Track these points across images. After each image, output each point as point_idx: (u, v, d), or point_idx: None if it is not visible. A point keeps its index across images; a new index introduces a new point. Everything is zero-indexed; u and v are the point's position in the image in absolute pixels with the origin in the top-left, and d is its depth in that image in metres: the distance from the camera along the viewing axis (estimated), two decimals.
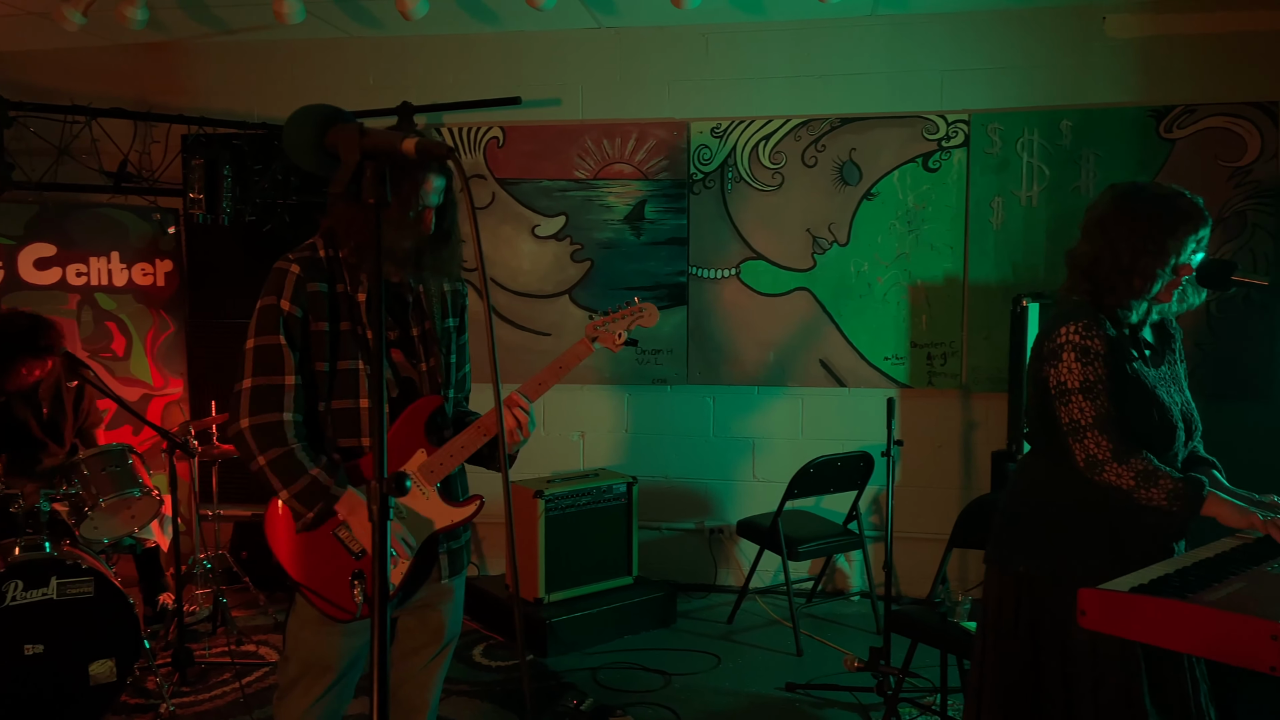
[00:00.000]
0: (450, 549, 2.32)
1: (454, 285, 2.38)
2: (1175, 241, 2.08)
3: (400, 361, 2.26)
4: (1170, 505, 1.99)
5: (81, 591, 3.28)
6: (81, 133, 4.27)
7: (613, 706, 3.57)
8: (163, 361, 5.12)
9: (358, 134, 1.07)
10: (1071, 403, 2.08)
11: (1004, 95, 4.66)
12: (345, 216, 2.12)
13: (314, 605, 2.15)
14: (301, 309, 2.11)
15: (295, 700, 2.21)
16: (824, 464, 4.23)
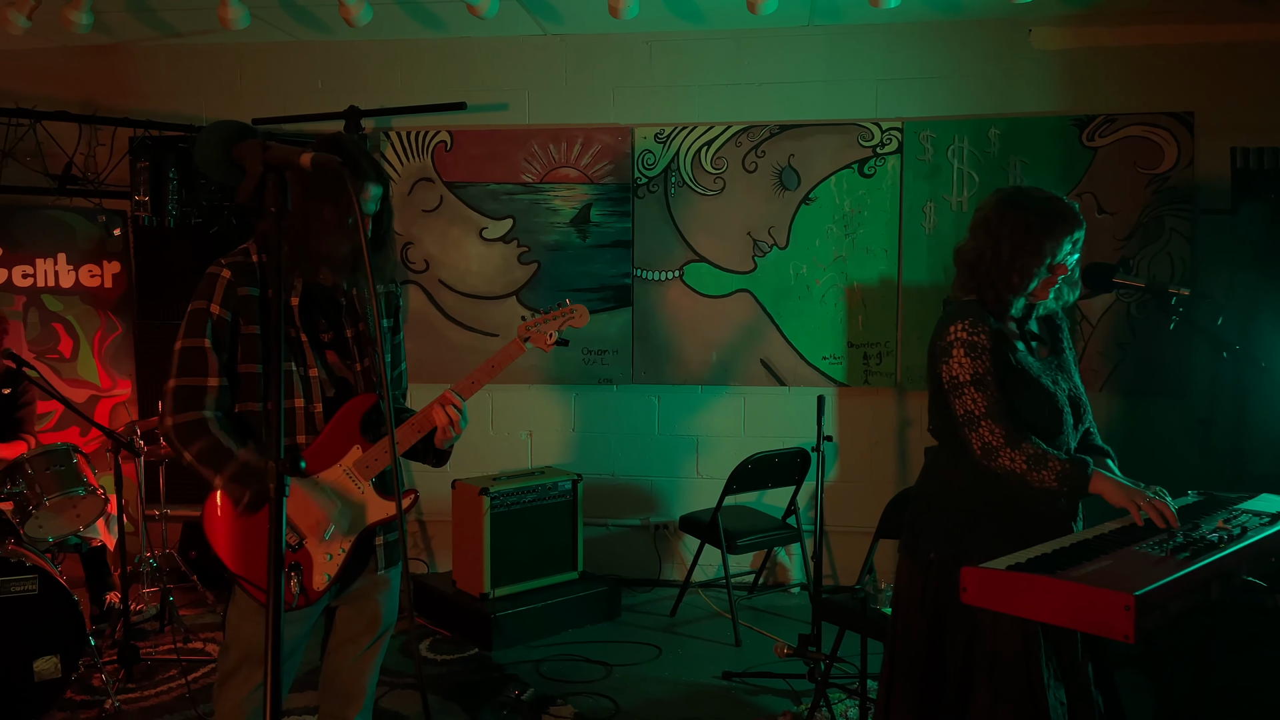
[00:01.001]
0: (387, 540, 2.40)
1: (388, 287, 2.47)
2: (1051, 242, 2.22)
3: (335, 362, 2.34)
4: (1060, 486, 2.13)
5: (26, 589, 3.32)
6: (26, 135, 4.28)
7: (554, 697, 3.68)
8: (110, 363, 5.13)
9: (260, 148, 1.17)
10: (964, 395, 2.22)
11: (935, 104, 4.84)
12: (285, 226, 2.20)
13: (251, 595, 2.22)
14: (231, 313, 2.18)
15: (235, 688, 2.28)
16: (762, 460, 4.36)
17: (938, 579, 2.33)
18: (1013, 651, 2.21)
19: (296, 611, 2.26)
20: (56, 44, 5.10)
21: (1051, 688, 2.20)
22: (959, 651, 2.29)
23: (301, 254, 2.21)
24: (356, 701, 2.43)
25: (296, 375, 2.26)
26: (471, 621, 4.26)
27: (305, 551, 2.25)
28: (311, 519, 2.22)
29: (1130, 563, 1.83)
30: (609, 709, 3.58)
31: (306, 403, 2.27)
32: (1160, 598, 1.68)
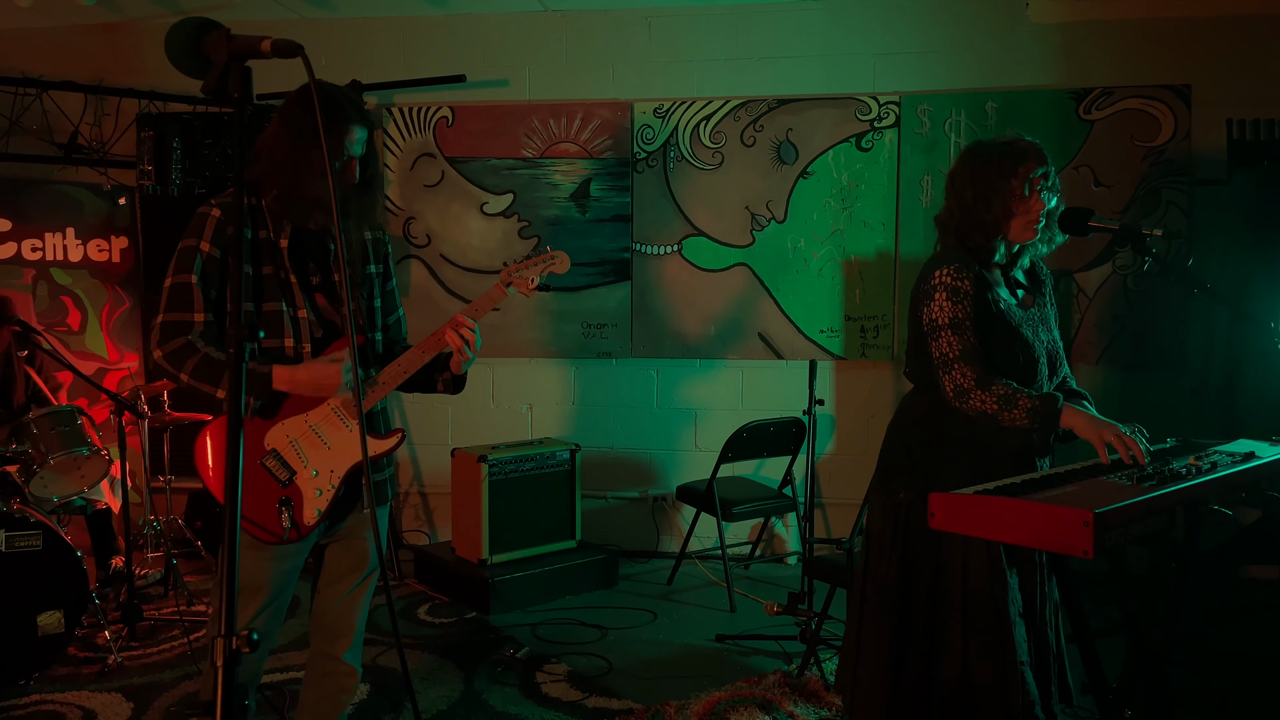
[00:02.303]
0: (375, 481, 2.46)
1: (375, 234, 2.52)
2: (1016, 180, 2.26)
3: (324, 305, 2.39)
4: (1030, 423, 2.16)
5: (30, 545, 3.39)
6: (33, 105, 4.36)
7: (548, 656, 3.73)
8: (118, 336, 5.21)
9: (225, 38, 1.23)
10: (941, 338, 2.26)
11: (932, 78, 4.86)
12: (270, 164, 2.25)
13: (245, 530, 2.28)
14: (220, 250, 2.24)
15: None
16: (757, 429, 4.40)
17: (907, 518, 2.36)
18: (980, 588, 2.24)
19: (288, 546, 2.32)
20: (67, 22, 5.18)
21: (1016, 625, 2.24)
22: (926, 590, 2.32)
23: (290, 197, 2.26)
24: (345, 638, 2.49)
25: (286, 315, 2.31)
26: (469, 587, 4.32)
27: (296, 487, 2.30)
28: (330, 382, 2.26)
29: (1096, 489, 1.87)
30: (602, 668, 3.63)
31: (295, 343, 2.33)
32: (1121, 517, 1.71)
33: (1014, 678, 2.14)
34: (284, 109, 2.31)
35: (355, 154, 2.30)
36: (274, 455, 2.30)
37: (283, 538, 2.28)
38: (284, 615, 2.44)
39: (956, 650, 2.26)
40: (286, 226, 2.32)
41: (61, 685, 3.43)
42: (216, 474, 2.31)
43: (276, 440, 2.30)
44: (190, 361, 2.21)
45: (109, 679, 3.48)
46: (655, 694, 3.38)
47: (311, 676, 2.53)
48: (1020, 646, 2.17)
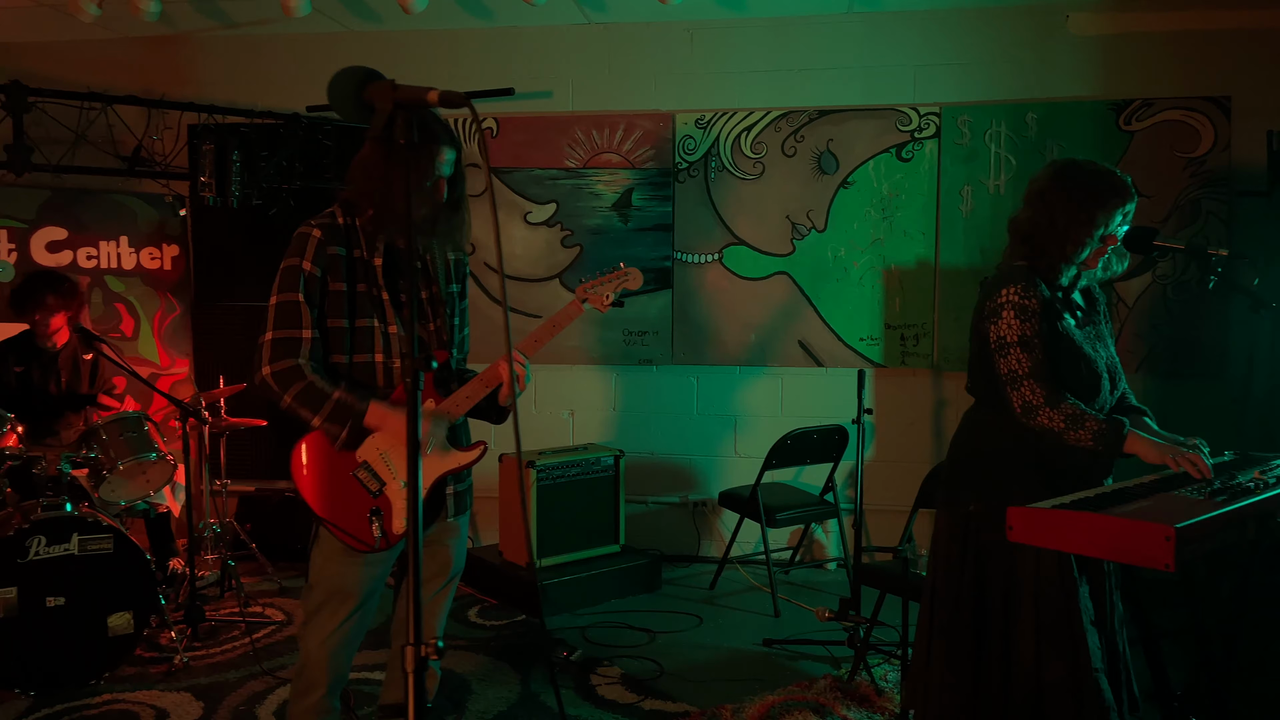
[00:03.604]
0: (456, 490, 2.55)
1: (457, 254, 2.61)
2: (1104, 213, 2.32)
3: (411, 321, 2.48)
4: (1096, 445, 2.22)
5: (101, 548, 3.50)
6: (98, 119, 4.47)
7: (600, 659, 3.81)
8: (169, 342, 5.32)
9: (390, 88, 1.31)
10: (1010, 355, 2.32)
11: (973, 89, 4.92)
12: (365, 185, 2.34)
13: (337, 538, 2.37)
14: (321, 269, 2.34)
15: (320, 625, 2.43)
16: (801, 436, 4.46)
17: (977, 531, 2.42)
18: (1052, 597, 2.30)
19: (377, 554, 2.41)
20: (119, 34, 5.30)
21: (1090, 632, 2.30)
22: (999, 600, 2.38)
23: (383, 215, 2.35)
24: None
25: (379, 331, 2.41)
26: (519, 589, 4.40)
27: (386, 498, 2.39)
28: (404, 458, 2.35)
29: (1169, 504, 1.93)
30: (654, 671, 3.70)
31: (385, 357, 2.42)
32: (1198, 532, 1.77)
33: (1088, 685, 2.19)
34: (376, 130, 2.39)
35: (444, 174, 2.39)
36: (365, 467, 2.39)
37: (374, 546, 2.37)
38: (371, 618, 2.53)
39: (1029, 659, 2.31)
40: (379, 245, 2.42)
41: (131, 685, 3.52)
42: (311, 483, 2.40)
43: (367, 453, 2.40)
44: (296, 386, 2.29)
45: (176, 679, 3.57)
46: (708, 697, 3.45)
47: (394, 677, 2.62)
48: (1094, 654, 2.23)
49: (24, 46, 5.45)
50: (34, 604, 3.38)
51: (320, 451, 2.39)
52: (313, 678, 2.47)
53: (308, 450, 2.39)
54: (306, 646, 2.47)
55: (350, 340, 2.40)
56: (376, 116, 1.33)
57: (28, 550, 3.37)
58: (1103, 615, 2.31)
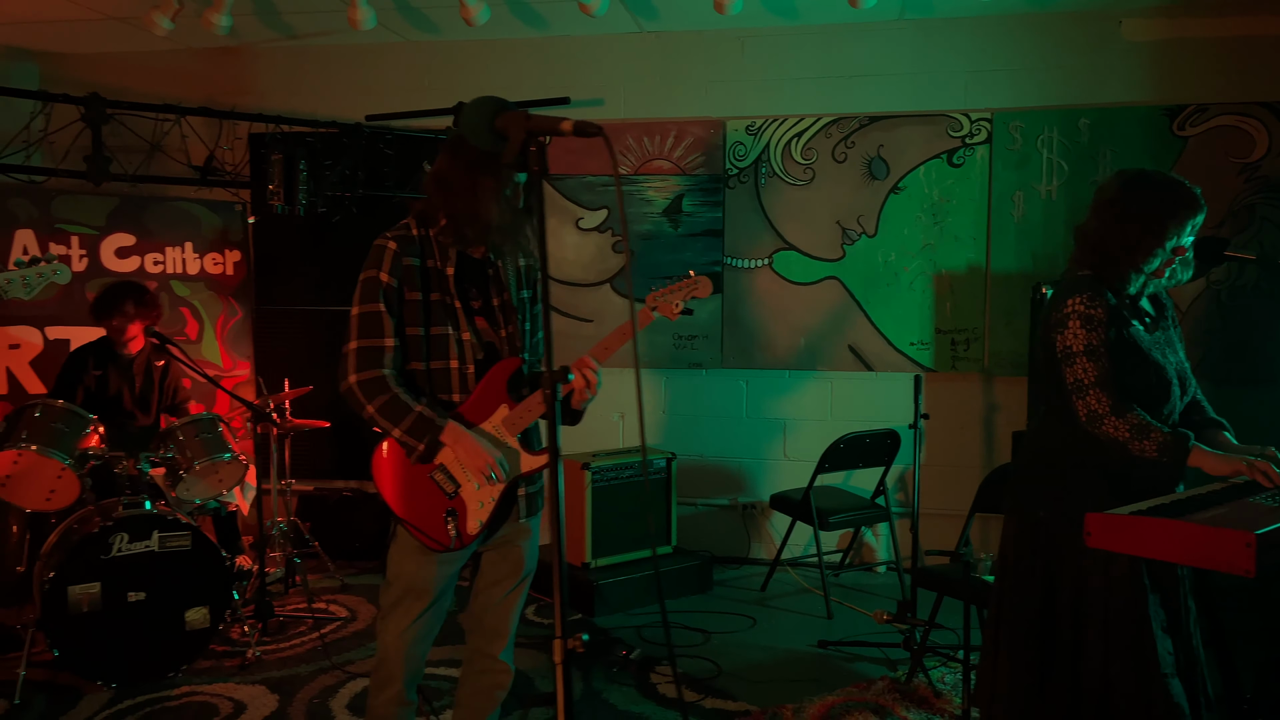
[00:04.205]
0: (528, 492, 2.62)
1: (528, 260, 2.68)
2: (1175, 225, 2.34)
3: (484, 328, 2.56)
4: (1160, 457, 2.25)
5: (180, 545, 3.62)
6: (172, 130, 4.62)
7: (659, 658, 3.88)
8: (231, 345, 5.47)
9: (524, 118, 1.39)
10: (1076, 364, 2.35)
11: (1025, 95, 4.93)
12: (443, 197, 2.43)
13: (414, 537, 2.45)
14: (397, 279, 2.42)
15: (396, 620, 2.52)
16: (853, 440, 4.51)
17: (1046, 538, 2.46)
18: (1122, 602, 2.33)
19: (451, 553, 2.49)
20: (183, 45, 5.46)
21: (1160, 638, 2.33)
22: (1068, 605, 2.42)
23: (461, 224, 2.43)
24: (501, 639, 2.66)
25: (452, 339, 2.48)
26: (574, 589, 4.48)
27: (460, 499, 2.47)
28: (480, 462, 2.43)
29: (1247, 511, 1.96)
30: (711, 670, 3.76)
31: (460, 364, 2.49)
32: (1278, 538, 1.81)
33: (1157, 690, 2.23)
34: (454, 143, 2.47)
35: (520, 180, 2.46)
36: (441, 470, 2.47)
37: (449, 546, 2.45)
38: (444, 615, 2.61)
39: (1098, 663, 2.35)
40: (452, 255, 2.50)
41: (208, 677, 3.65)
42: (391, 484, 2.48)
43: (444, 456, 2.47)
44: (381, 398, 2.37)
45: (250, 672, 3.69)
46: (768, 696, 3.51)
47: (469, 673, 2.71)
48: (1164, 659, 2.26)
49: (94, 58, 5.63)
50: (116, 599, 3.51)
51: (399, 454, 2.48)
52: (390, 671, 2.56)
53: (388, 453, 2.47)
54: (384, 641, 2.56)
55: (426, 347, 2.48)
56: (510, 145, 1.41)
57: (111, 547, 3.51)
58: (1176, 621, 2.34)
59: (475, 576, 2.68)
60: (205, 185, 4.86)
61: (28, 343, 4.88)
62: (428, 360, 2.49)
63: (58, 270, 3.09)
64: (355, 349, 2.40)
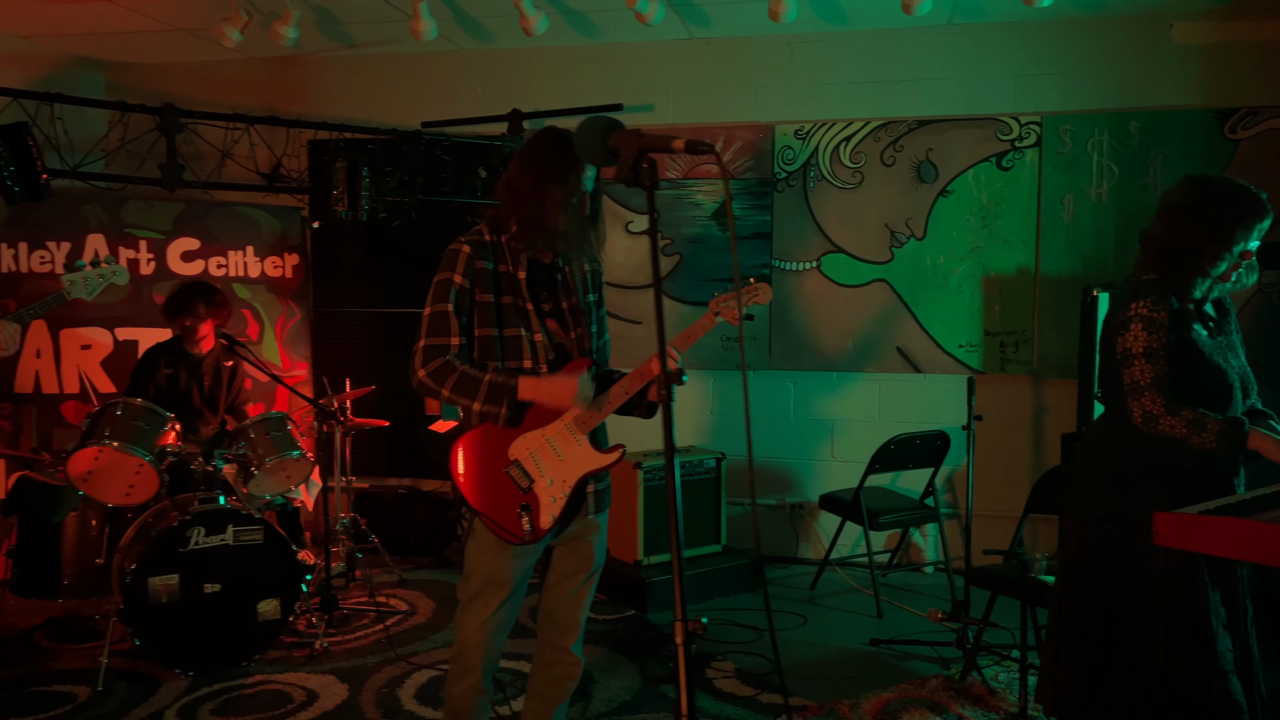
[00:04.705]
0: (597, 489, 2.72)
1: (593, 265, 2.78)
2: (1242, 230, 2.39)
3: (554, 329, 2.66)
4: (1219, 445, 2.29)
5: (253, 539, 3.76)
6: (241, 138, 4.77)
7: (713, 654, 3.95)
8: (290, 346, 5.62)
9: (636, 135, 1.48)
10: (1134, 366, 2.40)
11: (1074, 98, 4.95)
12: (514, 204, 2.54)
13: (490, 530, 2.55)
14: (470, 282, 2.53)
15: (476, 612, 2.62)
16: (904, 441, 4.56)
17: (1107, 536, 2.51)
18: (1182, 600, 2.38)
19: (525, 547, 2.58)
20: (244, 55, 5.62)
21: (1220, 636, 2.37)
22: (1129, 603, 2.46)
23: (531, 230, 2.54)
24: (573, 632, 2.76)
25: (525, 340, 2.59)
26: (627, 586, 4.57)
27: (534, 494, 2.57)
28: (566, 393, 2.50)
29: None
30: (766, 666, 3.83)
31: (534, 363, 2.59)
32: None
33: (1217, 686, 2.27)
34: (524, 152, 2.59)
35: (587, 189, 2.57)
36: (516, 465, 2.57)
37: (523, 539, 2.55)
38: (519, 608, 2.71)
39: (1159, 660, 2.39)
40: (523, 260, 2.60)
41: (279, 667, 3.78)
42: (468, 479, 2.58)
43: (518, 452, 2.57)
44: (451, 379, 2.48)
45: (319, 662, 3.82)
46: (823, 692, 3.57)
47: (540, 664, 2.80)
48: (1224, 656, 2.31)
49: (158, 67, 5.82)
50: (193, 590, 3.66)
51: (476, 450, 2.58)
52: (470, 661, 2.66)
53: (465, 449, 2.57)
54: (464, 632, 2.66)
55: (500, 348, 2.59)
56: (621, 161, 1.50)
57: (188, 540, 3.65)
58: (1235, 619, 2.38)
59: (546, 572, 2.78)
60: (272, 191, 5.00)
61: (98, 343, 5.05)
62: (502, 360, 2.59)
63: (116, 272, 3.22)
64: (423, 346, 2.52)
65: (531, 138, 2.63)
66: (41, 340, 4.91)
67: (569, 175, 2.49)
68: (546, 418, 2.59)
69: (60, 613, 4.27)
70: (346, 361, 5.53)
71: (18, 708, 3.41)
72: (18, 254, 4.82)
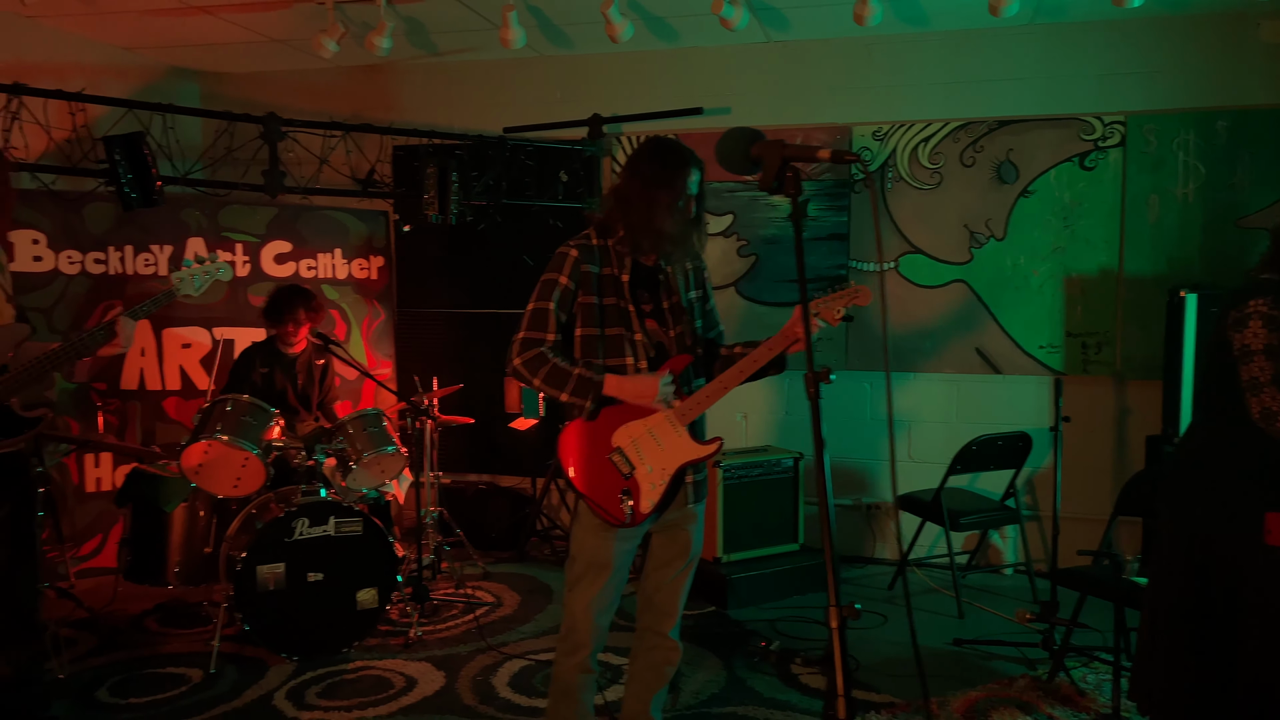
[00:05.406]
0: (695, 479, 2.80)
1: (696, 263, 2.88)
2: None
3: (654, 328, 2.77)
4: None
5: (353, 530, 3.91)
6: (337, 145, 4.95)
7: (796, 651, 4.00)
8: (375, 345, 5.80)
9: (780, 145, 1.56)
10: (1253, 362, 2.40)
11: (1160, 97, 4.90)
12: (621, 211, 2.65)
13: (594, 512, 2.66)
14: (575, 283, 2.66)
15: (582, 592, 2.74)
16: (986, 442, 4.55)
17: (1203, 538, 2.51)
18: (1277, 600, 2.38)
19: (628, 529, 2.68)
20: (331, 64, 5.81)
21: None
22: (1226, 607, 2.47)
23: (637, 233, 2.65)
24: (671, 618, 2.86)
25: (626, 339, 2.70)
26: (708, 582, 4.64)
27: (635, 480, 2.67)
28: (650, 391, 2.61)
29: None
30: (850, 664, 3.87)
31: (634, 361, 2.70)
32: None
33: None
34: (632, 161, 2.73)
35: (691, 193, 2.67)
36: (619, 452, 2.67)
37: (624, 522, 2.65)
38: (622, 589, 2.82)
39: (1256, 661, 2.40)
40: (627, 263, 2.71)
41: (377, 654, 3.92)
42: (574, 463, 2.69)
43: (621, 440, 2.68)
44: (543, 370, 2.61)
45: (414, 650, 3.96)
46: (909, 690, 3.60)
47: (639, 650, 2.90)
48: None
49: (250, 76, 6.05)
50: (298, 579, 3.81)
51: (582, 438, 2.69)
52: (579, 639, 2.78)
53: (573, 437, 2.70)
54: (572, 611, 2.78)
55: (603, 346, 2.70)
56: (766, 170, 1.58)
57: (294, 530, 3.81)
58: None
59: (645, 559, 2.87)
60: (366, 196, 5.17)
61: (198, 342, 5.27)
62: (604, 357, 2.70)
63: (221, 269, 3.38)
64: (521, 338, 2.64)
65: (639, 147, 2.76)
66: (146, 339, 5.14)
67: (674, 181, 2.62)
68: (648, 409, 2.68)
69: (167, 598, 4.47)
70: (428, 360, 5.69)
71: (137, 688, 3.60)
72: (124, 257, 5.05)
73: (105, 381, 5.01)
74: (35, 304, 4.73)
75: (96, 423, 4.88)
